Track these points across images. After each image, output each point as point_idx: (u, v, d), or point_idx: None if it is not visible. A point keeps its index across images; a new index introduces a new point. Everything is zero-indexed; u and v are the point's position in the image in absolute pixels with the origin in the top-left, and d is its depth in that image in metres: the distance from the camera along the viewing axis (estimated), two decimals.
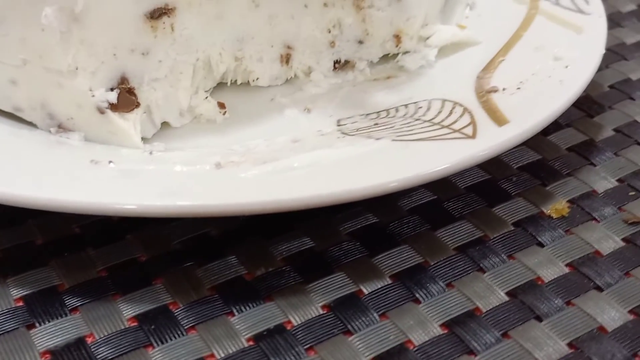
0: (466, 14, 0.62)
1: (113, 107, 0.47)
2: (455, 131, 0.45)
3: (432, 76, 0.56)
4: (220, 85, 0.54)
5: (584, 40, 0.53)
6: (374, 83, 0.56)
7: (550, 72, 0.50)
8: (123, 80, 0.48)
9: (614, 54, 0.63)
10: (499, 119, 0.46)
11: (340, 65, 0.56)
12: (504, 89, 0.49)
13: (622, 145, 0.52)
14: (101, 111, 0.47)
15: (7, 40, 0.46)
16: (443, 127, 0.46)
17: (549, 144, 0.52)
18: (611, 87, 0.59)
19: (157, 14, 0.48)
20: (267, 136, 0.49)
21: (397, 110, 0.51)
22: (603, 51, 0.52)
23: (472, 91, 0.50)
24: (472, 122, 0.46)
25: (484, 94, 0.49)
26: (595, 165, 0.50)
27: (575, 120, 0.54)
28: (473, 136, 0.44)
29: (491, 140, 0.43)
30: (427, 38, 0.58)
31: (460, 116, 0.47)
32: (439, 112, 0.48)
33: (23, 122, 0.49)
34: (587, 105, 0.56)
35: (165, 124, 0.50)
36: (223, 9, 0.50)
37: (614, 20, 0.68)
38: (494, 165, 0.49)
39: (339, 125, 0.50)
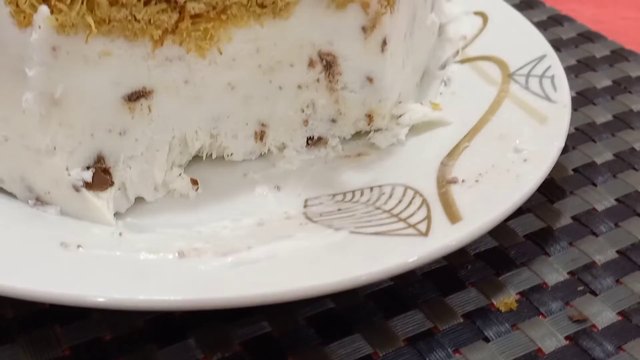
0: (440, 90, 0.65)
1: (88, 185, 0.49)
2: (410, 226, 0.47)
3: (401, 155, 0.58)
4: (195, 158, 0.56)
5: (545, 132, 0.55)
6: (345, 160, 0.58)
7: (509, 166, 0.52)
8: (99, 159, 0.50)
9: (582, 134, 0.65)
10: (453, 215, 0.48)
11: (313, 141, 0.58)
12: (463, 181, 0.51)
13: (578, 236, 0.54)
14: (76, 189, 0.49)
15: None
16: (400, 219, 0.48)
17: (507, 231, 0.54)
18: (575, 170, 0.61)
19: (135, 97, 0.50)
20: (236, 215, 0.51)
21: (362, 193, 0.53)
22: (562, 145, 0.54)
23: (434, 179, 0.52)
24: (428, 217, 0.48)
25: (444, 184, 0.51)
26: (549, 256, 0.52)
27: (536, 205, 0.56)
28: (426, 233, 0.46)
29: (441, 240, 0.45)
30: (399, 116, 0.60)
31: (418, 208, 0.49)
32: (399, 202, 0.50)
33: (3, 191, 0.51)
34: (549, 190, 0.58)
35: (139, 198, 0.53)
36: (200, 91, 0.52)
37: (587, 97, 0.70)
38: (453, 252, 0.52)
39: (305, 207, 0.52)
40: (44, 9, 0.45)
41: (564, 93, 0.59)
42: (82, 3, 0.45)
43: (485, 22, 0.71)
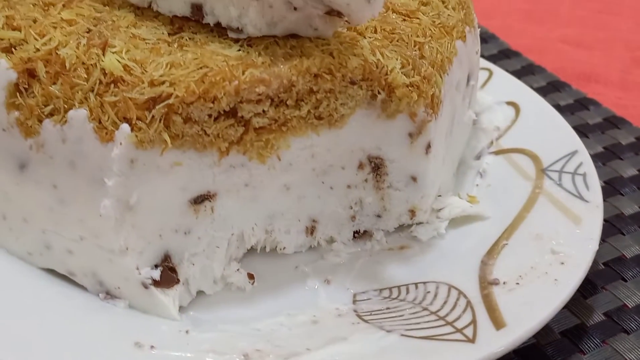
0: (477, 182, 0.68)
1: (156, 283, 0.53)
2: (457, 330, 0.51)
3: (442, 249, 0.62)
4: (249, 250, 0.60)
5: (580, 234, 0.59)
6: (389, 253, 0.62)
7: (547, 268, 0.56)
8: (166, 257, 0.54)
9: (611, 226, 0.68)
10: (497, 321, 0.51)
11: (359, 235, 0.62)
12: (504, 283, 0.55)
13: (610, 333, 0.57)
14: (145, 286, 0.53)
15: (68, 218, 0.53)
16: (447, 323, 0.52)
17: (544, 327, 0.57)
18: (605, 264, 0.64)
19: (200, 200, 0.54)
20: (290, 309, 0.55)
21: (407, 290, 0.57)
22: (596, 248, 0.57)
23: (476, 279, 0.56)
24: (473, 322, 0.51)
25: (486, 285, 0.55)
26: (584, 354, 0.56)
27: (570, 300, 0.60)
28: (473, 340, 0.50)
29: (488, 348, 0.49)
30: (439, 210, 0.64)
31: (463, 311, 0.53)
32: (445, 303, 0.54)
33: (75, 283, 0.55)
34: (582, 285, 0.61)
35: (199, 291, 0.56)
36: (258, 193, 0.56)
37: (615, 187, 0.73)
38: None
39: (354, 302, 0.56)
40: (125, 127, 0.49)
41: (596, 193, 0.63)
42: (160, 121, 0.49)
43: (517, 113, 0.75)
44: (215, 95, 0.50)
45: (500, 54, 0.97)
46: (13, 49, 0.52)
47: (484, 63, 0.81)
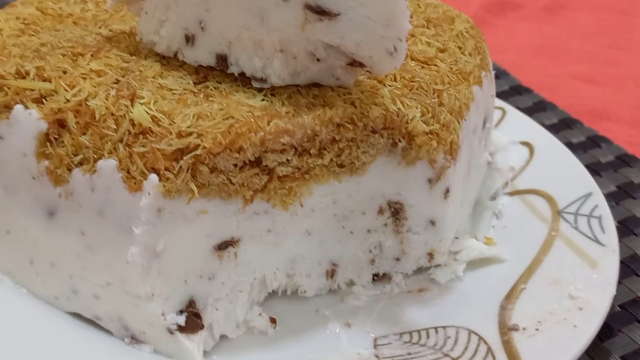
0: (493, 223, 0.69)
1: (181, 329, 0.54)
2: None
3: (460, 292, 0.62)
4: (271, 293, 0.61)
5: (597, 278, 0.60)
6: (408, 295, 0.62)
7: (565, 314, 0.56)
8: (191, 303, 0.55)
9: (626, 267, 0.69)
10: None
11: (378, 278, 0.63)
12: (524, 329, 0.56)
13: None
14: (170, 332, 0.54)
15: (95, 264, 0.54)
16: None
17: None
18: (621, 307, 0.65)
19: (224, 246, 0.55)
20: (313, 354, 0.56)
21: (427, 335, 0.57)
22: (614, 293, 0.58)
23: (496, 324, 0.57)
24: None
25: (506, 331, 0.56)
26: None
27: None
28: None
29: None
30: (457, 253, 0.65)
31: (484, 358, 0.53)
32: (465, 349, 0.55)
33: (101, 328, 0.56)
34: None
35: (222, 335, 0.57)
36: (280, 238, 0.57)
37: (629, 227, 0.74)
38: None
39: (375, 347, 0.57)
40: (153, 177, 0.50)
41: (612, 236, 0.64)
42: (187, 171, 0.51)
43: (531, 153, 0.76)
44: (241, 145, 0.51)
45: (512, 90, 0.98)
46: (44, 100, 0.54)
47: (498, 102, 0.82)
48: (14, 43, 0.56)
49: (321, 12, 0.52)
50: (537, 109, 0.94)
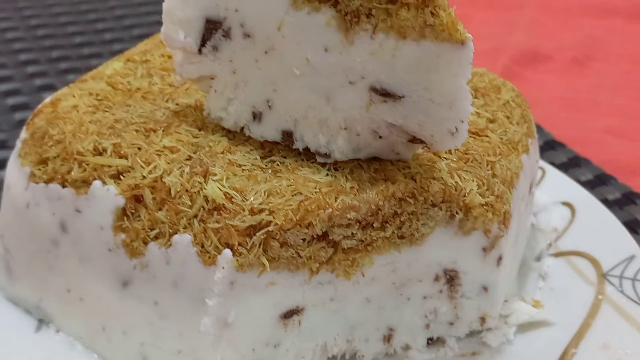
0: (539, 285, 0.71)
1: None
2: None
3: (512, 355, 0.64)
4: (330, 358, 0.63)
5: None
6: (461, 359, 0.64)
7: None
8: None
9: None
10: None
11: (433, 342, 0.65)
12: None
13: None
14: None
15: (167, 333, 0.57)
16: None
17: None
18: None
19: (289, 315, 0.57)
20: None
21: None
22: None
23: None
24: None
25: None
26: None
27: None
28: None
29: None
30: (507, 316, 0.67)
31: None
32: None
33: None
34: None
35: None
36: (342, 306, 0.59)
37: None
38: None
39: None
40: (227, 253, 0.53)
41: None
42: (259, 246, 0.53)
43: (573, 213, 0.79)
44: (310, 222, 0.54)
45: (546, 146, 1.00)
46: (121, 176, 0.56)
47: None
48: (90, 120, 0.59)
49: (386, 95, 0.54)
50: (572, 164, 0.97)
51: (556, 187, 0.82)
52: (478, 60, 0.87)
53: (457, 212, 0.59)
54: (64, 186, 0.57)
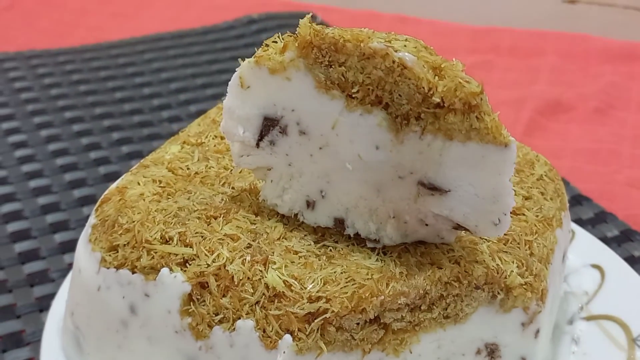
0: (573, 349, 0.75)
1: None
2: None
3: None
4: None
5: None
6: None
7: None
8: None
9: None
10: None
11: None
12: None
13: None
14: None
15: None
16: None
17: None
18: None
19: None
20: None
21: None
22: None
23: None
24: None
25: None
26: None
27: None
28: None
29: None
30: None
31: None
32: None
33: None
34: None
35: None
36: None
37: None
38: None
39: None
40: (288, 338, 0.57)
41: None
42: (317, 332, 0.57)
43: (602, 276, 0.82)
44: (364, 308, 0.58)
45: (573, 200, 1.04)
46: (187, 264, 0.61)
47: None
48: (156, 209, 0.64)
49: (433, 189, 0.59)
50: (598, 220, 1.00)
51: (586, 249, 0.86)
52: (503, 109, 0.92)
53: (498, 293, 0.63)
54: (133, 272, 0.62)
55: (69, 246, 0.92)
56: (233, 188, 0.68)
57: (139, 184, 0.67)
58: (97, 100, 1.28)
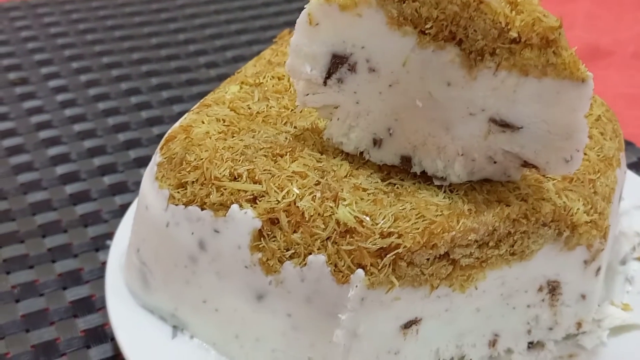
0: (627, 289, 0.76)
1: None
2: None
3: (607, 356, 0.69)
4: None
5: None
6: None
7: None
8: None
9: None
10: None
11: (533, 345, 0.70)
12: None
13: None
14: None
15: (299, 342, 0.62)
16: None
17: None
18: None
19: (409, 325, 0.62)
20: None
21: None
22: None
23: None
24: None
25: None
26: None
27: None
28: None
29: None
30: (600, 320, 0.71)
31: None
32: None
33: None
34: None
35: None
36: (454, 316, 0.64)
37: None
38: None
39: None
40: (360, 272, 0.58)
41: None
42: (389, 267, 0.58)
43: None
44: (435, 243, 0.58)
45: None
46: (257, 200, 0.61)
47: None
48: (223, 146, 0.64)
49: (505, 125, 0.59)
50: None
51: (636, 190, 0.86)
52: None
53: (564, 230, 0.63)
54: (202, 208, 0.62)
55: (118, 188, 0.93)
56: (295, 127, 0.69)
57: (203, 122, 0.67)
58: (133, 45, 1.28)
